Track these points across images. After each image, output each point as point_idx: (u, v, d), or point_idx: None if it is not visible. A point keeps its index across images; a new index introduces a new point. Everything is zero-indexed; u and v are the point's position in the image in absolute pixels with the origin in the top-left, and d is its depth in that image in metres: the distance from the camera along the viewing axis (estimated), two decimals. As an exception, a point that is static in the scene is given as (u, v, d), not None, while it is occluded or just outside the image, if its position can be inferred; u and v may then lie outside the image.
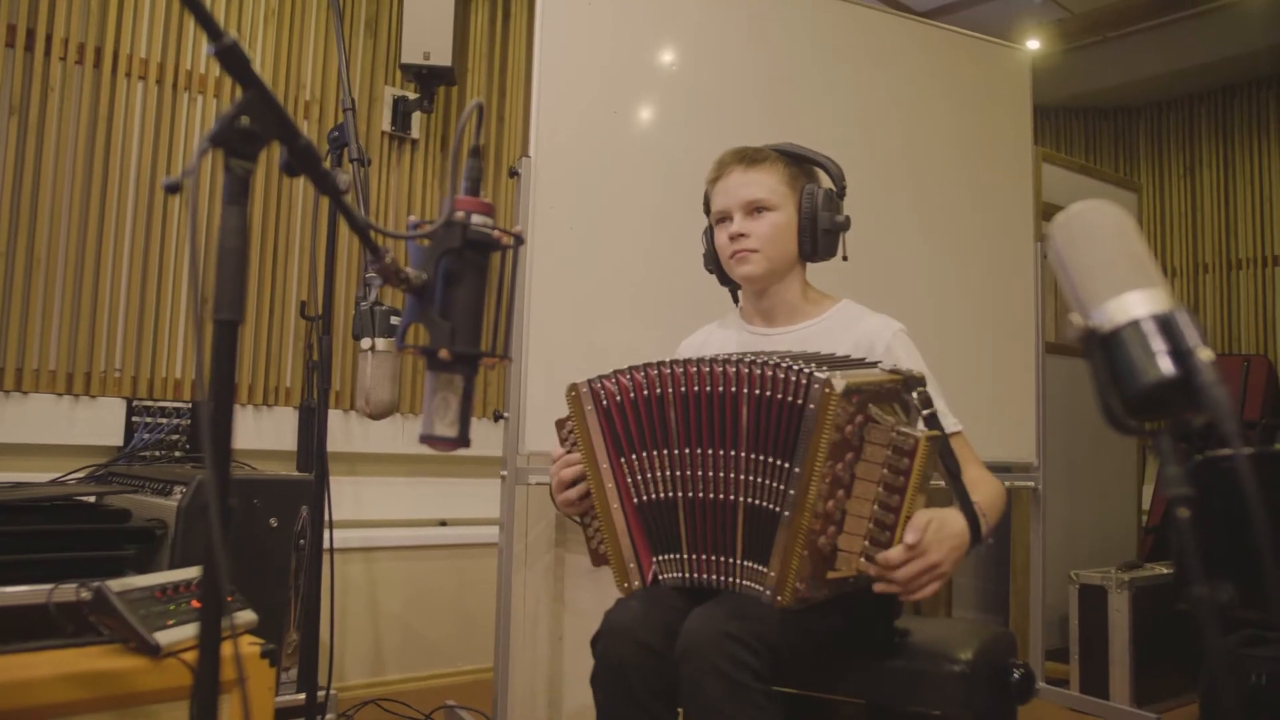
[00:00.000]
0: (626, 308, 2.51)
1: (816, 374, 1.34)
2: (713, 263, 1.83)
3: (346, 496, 3.30)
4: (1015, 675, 1.55)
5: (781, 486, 1.39)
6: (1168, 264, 5.41)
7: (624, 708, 1.45)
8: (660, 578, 1.53)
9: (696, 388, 1.46)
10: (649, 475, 1.52)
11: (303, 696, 2.29)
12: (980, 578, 3.96)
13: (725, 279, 1.84)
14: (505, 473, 2.37)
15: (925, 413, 1.38)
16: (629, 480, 1.54)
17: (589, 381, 1.55)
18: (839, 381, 1.32)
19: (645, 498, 1.53)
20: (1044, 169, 3.67)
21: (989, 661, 1.52)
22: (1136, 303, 0.77)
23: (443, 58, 3.29)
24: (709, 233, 1.82)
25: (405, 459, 3.50)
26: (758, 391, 1.41)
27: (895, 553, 1.32)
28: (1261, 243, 5.10)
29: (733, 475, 1.44)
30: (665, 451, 1.50)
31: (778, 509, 1.39)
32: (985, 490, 1.54)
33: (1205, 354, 0.73)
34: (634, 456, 1.53)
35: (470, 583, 3.41)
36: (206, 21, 0.83)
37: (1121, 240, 0.82)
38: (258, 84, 0.85)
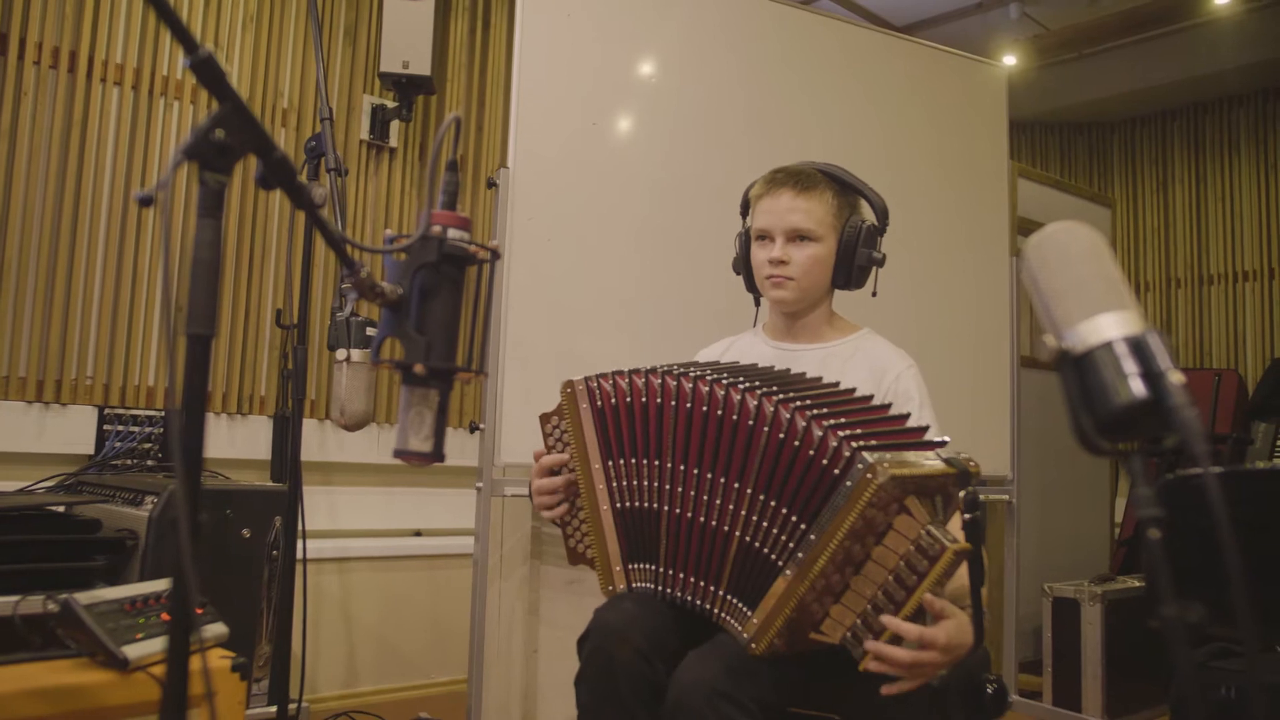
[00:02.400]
0: (605, 319, 2.51)
1: (864, 453, 1.25)
2: (743, 268, 1.84)
3: (320, 506, 3.28)
4: (988, 690, 1.55)
5: (791, 543, 1.33)
6: (1140, 279, 5.47)
7: (610, 708, 1.42)
8: (632, 586, 1.53)
9: (705, 408, 1.42)
10: (633, 483, 1.51)
11: (274, 709, 2.27)
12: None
13: (753, 287, 1.85)
14: (480, 484, 2.36)
15: (967, 516, 1.24)
16: (613, 484, 1.53)
17: (585, 379, 1.54)
18: (886, 470, 1.22)
19: (626, 504, 1.52)
20: (1019, 184, 3.71)
21: (962, 676, 1.52)
22: (1109, 324, 0.78)
23: (422, 67, 3.28)
24: (744, 239, 1.82)
25: (380, 469, 3.48)
26: (781, 435, 1.34)
27: (911, 631, 1.24)
28: (1232, 258, 5.17)
29: (731, 507, 1.40)
30: (656, 463, 1.48)
31: (780, 562, 1.34)
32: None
33: (1176, 376, 0.73)
34: (620, 461, 1.52)
35: (444, 594, 3.39)
36: (181, 33, 0.82)
37: (1094, 262, 0.83)
38: (233, 97, 0.85)
